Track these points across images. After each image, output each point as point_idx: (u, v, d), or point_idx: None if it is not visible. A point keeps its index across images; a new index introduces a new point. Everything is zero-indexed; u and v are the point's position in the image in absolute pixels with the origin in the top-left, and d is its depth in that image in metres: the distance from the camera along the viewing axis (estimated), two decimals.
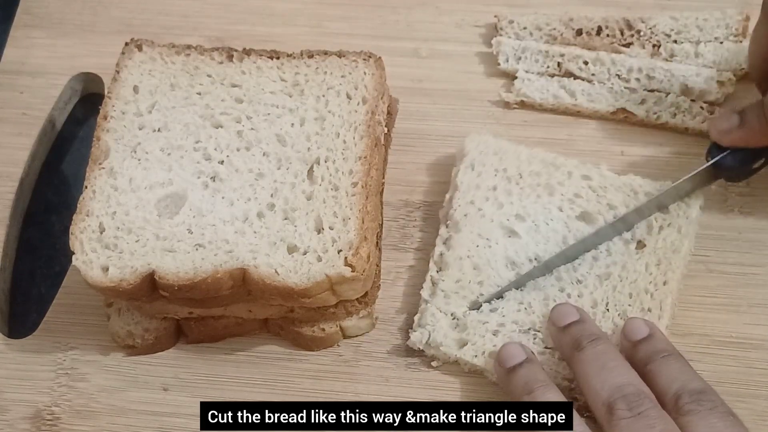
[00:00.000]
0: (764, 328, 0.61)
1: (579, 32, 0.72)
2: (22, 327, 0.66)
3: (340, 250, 0.56)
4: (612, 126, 0.69)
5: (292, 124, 0.61)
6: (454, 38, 0.74)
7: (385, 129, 0.64)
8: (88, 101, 0.76)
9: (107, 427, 0.60)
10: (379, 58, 0.64)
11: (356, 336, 0.62)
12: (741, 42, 0.71)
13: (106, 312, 0.62)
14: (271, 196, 0.59)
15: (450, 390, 0.60)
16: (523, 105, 0.71)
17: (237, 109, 0.62)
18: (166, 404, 0.60)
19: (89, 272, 0.56)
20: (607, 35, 0.72)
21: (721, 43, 0.71)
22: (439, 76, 0.72)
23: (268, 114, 0.62)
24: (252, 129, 0.61)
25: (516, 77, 0.71)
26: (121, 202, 0.59)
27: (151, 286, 0.56)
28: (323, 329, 0.60)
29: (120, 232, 0.57)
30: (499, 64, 0.72)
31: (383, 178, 0.65)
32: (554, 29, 0.72)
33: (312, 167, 0.60)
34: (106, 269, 0.56)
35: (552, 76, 0.71)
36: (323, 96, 0.62)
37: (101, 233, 0.58)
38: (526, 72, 0.71)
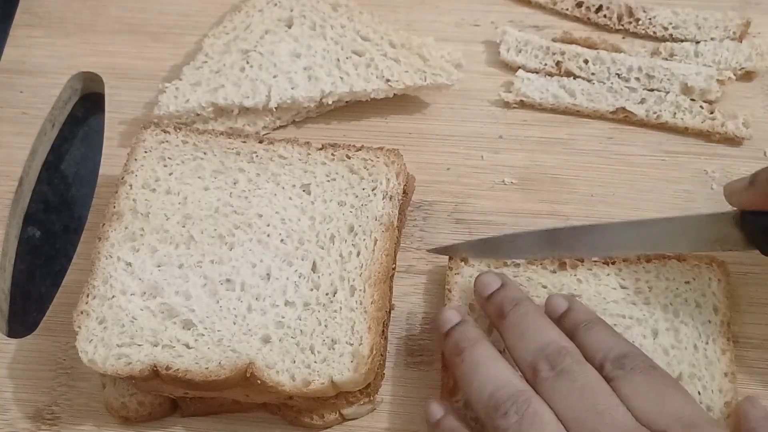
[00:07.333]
0: (764, 328, 0.61)
1: (580, 4, 0.74)
2: (22, 327, 0.66)
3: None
4: (612, 125, 0.69)
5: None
6: (454, 38, 0.74)
7: (396, 222, 0.62)
8: (88, 101, 0.76)
9: (107, 427, 0.60)
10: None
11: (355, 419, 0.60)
12: (740, 43, 0.71)
13: (101, 380, 0.60)
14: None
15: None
16: (522, 105, 0.70)
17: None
18: None
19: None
20: (605, 15, 0.74)
21: (721, 41, 0.71)
22: None
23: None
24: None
25: (516, 75, 0.71)
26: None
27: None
28: (323, 415, 0.59)
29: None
30: (499, 53, 0.72)
31: (394, 263, 0.63)
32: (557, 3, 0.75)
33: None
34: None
35: (551, 75, 0.71)
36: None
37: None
38: (524, 66, 0.71)
